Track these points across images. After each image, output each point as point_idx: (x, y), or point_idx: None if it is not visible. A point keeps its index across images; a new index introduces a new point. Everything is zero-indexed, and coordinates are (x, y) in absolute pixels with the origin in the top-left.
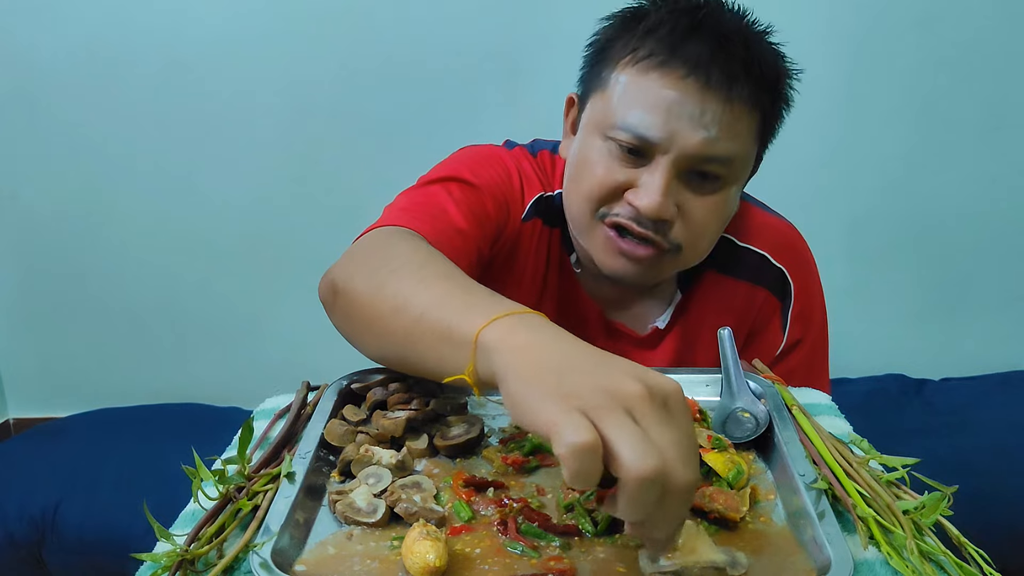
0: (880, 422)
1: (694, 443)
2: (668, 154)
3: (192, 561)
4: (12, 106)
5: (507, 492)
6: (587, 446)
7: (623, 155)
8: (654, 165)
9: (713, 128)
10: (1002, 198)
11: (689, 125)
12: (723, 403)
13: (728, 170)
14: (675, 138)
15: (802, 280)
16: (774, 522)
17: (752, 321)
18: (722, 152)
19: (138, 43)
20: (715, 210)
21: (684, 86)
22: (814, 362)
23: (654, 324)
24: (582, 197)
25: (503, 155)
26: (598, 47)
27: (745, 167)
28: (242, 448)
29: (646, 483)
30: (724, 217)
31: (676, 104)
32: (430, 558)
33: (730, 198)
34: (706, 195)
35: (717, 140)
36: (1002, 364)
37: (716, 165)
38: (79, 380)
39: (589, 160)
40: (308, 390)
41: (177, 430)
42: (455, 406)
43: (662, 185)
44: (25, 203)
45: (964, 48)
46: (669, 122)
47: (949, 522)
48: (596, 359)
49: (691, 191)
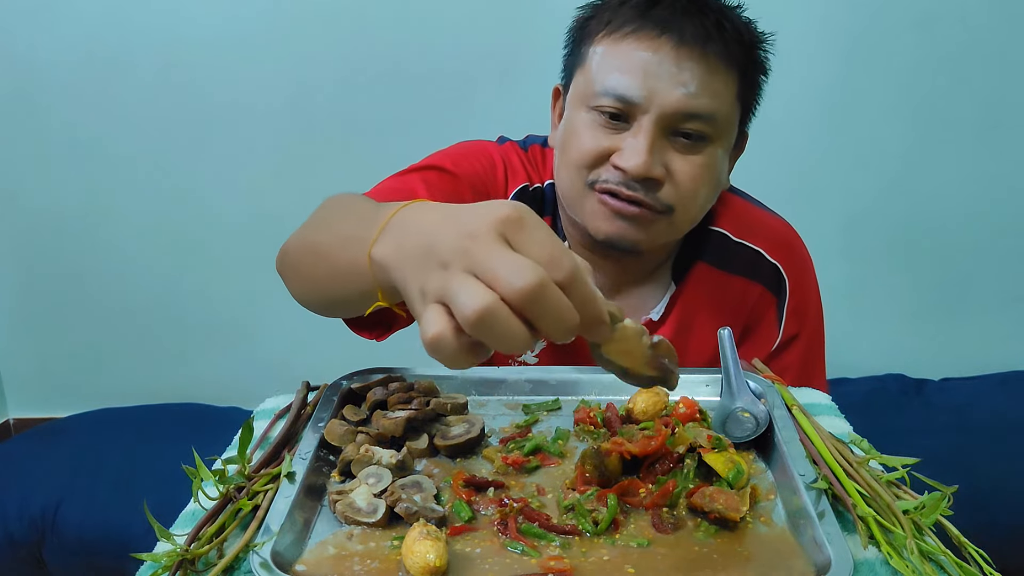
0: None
1: (552, 242)
2: (649, 113)
3: (192, 561)
4: (12, 106)
5: (507, 492)
6: (437, 335)
7: (607, 122)
8: (637, 127)
9: (692, 84)
10: (1001, 198)
11: (667, 83)
12: (723, 403)
13: (711, 128)
14: (655, 96)
15: (797, 276)
16: (774, 522)
17: (747, 316)
18: (703, 108)
19: (137, 44)
20: (703, 170)
21: (659, 45)
22: (810, 358)
23: (648, 316)
24: (571, 167)
25: (491, 148)
26: (576, 30)
27: (728, 127)
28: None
29: (485, 313)
30: (713, 179)
31: (653, 63)
32: (430, 558)
33: (717, 160)
34: (692, 154)
35: (696, 96)
36: (1002, 364)
37: (698, 123)
38: (79, 380)
39: (575, 131)
40: (308, 390)
41: (177, 430)
42: (455, 406)
43: (646, 144)
44: (25, 203)
45: (961, 48)
46: (647, 81)
47: (949, 522)
48: (450, 226)
49: (676, 151)
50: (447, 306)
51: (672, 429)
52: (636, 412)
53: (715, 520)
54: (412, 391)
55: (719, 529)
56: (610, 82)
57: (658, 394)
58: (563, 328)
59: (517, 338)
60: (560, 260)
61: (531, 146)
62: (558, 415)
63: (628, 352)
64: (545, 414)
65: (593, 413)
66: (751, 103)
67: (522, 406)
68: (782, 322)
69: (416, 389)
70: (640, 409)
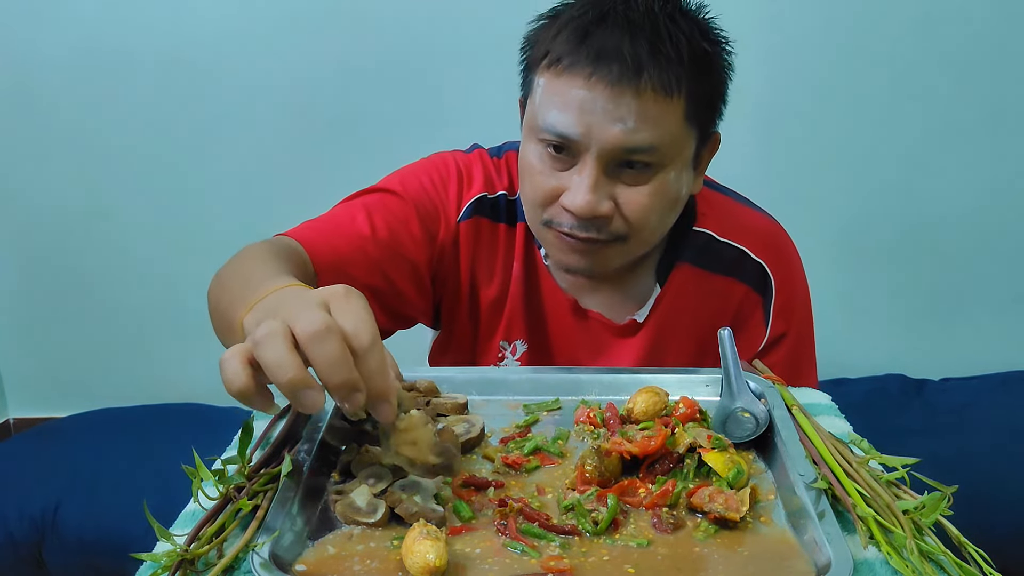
0: (880, 422)
1: (362, 317)
2: (590, 151)
3: (192, 561)
4: (12, 105)
5: (507, 492)
6: (227, 356)
7: (553, 156)
8: (581, 164)
9: (629, 120)
10: (1002, 198)
11: (603, 120)
12: (723, 403)
13: (655, 157)
14: (592, 134)
15: (784, 275)
16: (774, 522)
17: (733, 316)
18: (642, 142)
19: (138, 42)
20: (652, 198)
21: (592, 84)
22: (799, 356)
23: (632, 317)
24: (528, 204)
25: (450, 162)
26: (525, 51)
27: (678, 150)
28: (242, 448)
29: (267, 336)
30: (667, 201)
31: (587, 101)
32: (430, 558)
33: (669, 182)
34: (640, 184)
35: (635, 131)
36: (1002, 364)
37: (641, 155)
38: (79, 380)
39: (529, 165)
40: None
41: (177, 430)
42: (455, 406)
43: (589, 183)
44: (25, 202)
45: (962, 47)
46: (583, 119)
47: (949, 522)
48: (296, 299)
49: (623, 183)
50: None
51: (672, 429)
52: (636, 412)
53: (715, 520)
54: (412, 391)
55: (719, 529)
56: (550, 119)
57: (658, 394)
58: (336, 375)
59: (286, 364)
60: (361, 332)
61: (506, 153)
62: (558, 415)
63: (414, 442)
64: (545, 414)
65: (593, 413)
66: (710, 115)
67: (522, 406)
68: (769, 321)
69: (416, 389)
70: (640, 409)
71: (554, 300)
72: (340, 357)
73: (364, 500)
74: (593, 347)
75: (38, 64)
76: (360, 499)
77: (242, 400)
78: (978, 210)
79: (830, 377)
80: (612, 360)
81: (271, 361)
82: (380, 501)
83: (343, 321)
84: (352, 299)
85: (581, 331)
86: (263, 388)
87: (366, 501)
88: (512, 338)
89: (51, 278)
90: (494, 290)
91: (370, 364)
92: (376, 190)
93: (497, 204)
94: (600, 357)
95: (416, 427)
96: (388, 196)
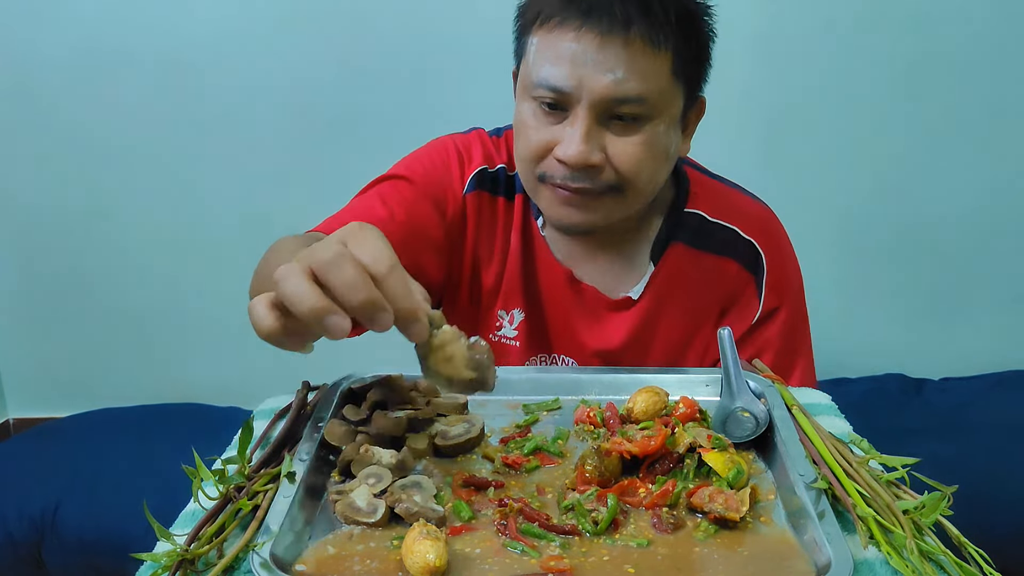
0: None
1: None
2: (582, 102)
3: (192, 561)
4: (12, 105)
5: (507, 492)
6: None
7: (546, 112)
8: (573, 116)
9: (618, 70)
10: (1002, 198)
11: (594, 70)
12: (723, 403)
13: (646, 108)
14: (584, 84)
15: (774, 252)
16: (774, 522)
17: (725, 294)
18: (632, 92)
19: (138, 42)
20: (642, 148)
21: (582, 35)
22: (793, 333)
23: (627, 294)
24: (522, 160)
25: (448, 143)
26: (518, 18)
27: (667, 103)
28: (242, 448)
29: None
30: (657, 154)
31: (578, 53)
32: (430, 558)
33: (658, 135)
34: (630, 135)
35: (624, 81)
36: (1001, 364)
37: (631, 105)
38: (79, 380)
39: (522, 123)
40: (308, 390)
41: (177, 430)
42: (455, 406)
43: (581, 133)
44: (25, 203)
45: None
46: (575, 71)
47: (949, 522)
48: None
49: (614, 134)
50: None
51: (672, 429)
52: (636, 412)
53: (715, 520)
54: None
55: (719, 529)
56: (543, 73)
57: (658, 394)
58: (355, 296)
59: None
60: (379, 258)
61: (505, 131)
62: (558, 415)
63: (449, 358)
64: (545, 414)
65: (593, 413)
66: (696, 73)
67: (522, 406)
68: (762, 295)
69: (416, 389)
70: (640, 409)
71: (550, 271)
72: (356, 278)
73: (364, 500)
74: (588, 318)
75: (38, 64)
76: (360, 499)
77: (274, 343)
78: (978, 210)
79: (830, 377)
80: (606, 332)
81: (291, 294)
82: (380, 501)
83: (360, 252)
84: (367, 231)
85: (577, 303)
86: (293, 331)
87: (366, 501)
88: (510, 307)
89: (51, 278)
90: (495, 262)
91: (393, 286)
92: (386, 178)
93: (497, 177)
94: (595, 327)
95: (451, 342)
96: (398, 182)
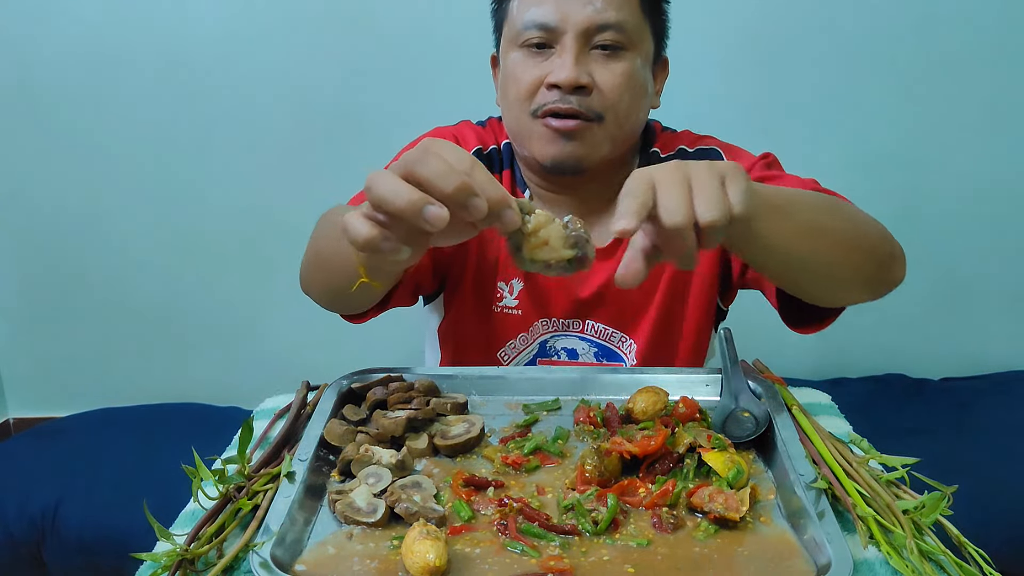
0: (880, 422)
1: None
2: (568, 33)
3: (192, 561)
4: (12, 105)
5: (507, 492)
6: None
7: (535, 54)
8: (560, 47)
9: (597, 1)
10: (1002, 198)
11: (576, 4)
12: (723, 403)
13: (624, 37)
14: (568, 17)
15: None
16: (774, 522)
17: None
18: (611, 19)
19: (139, 42)
20: (624, 77)
21: None
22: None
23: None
24: (513, 104)
25: (442, 131)
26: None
27: (639, 36)
28: (242, 448)
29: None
30: (636, 85)
31: None
32: (430, 558)
33: (637, 67)
34: (613, 62)
35: (603, 10)
36: (1002, 364)
37: (611, 32)
38: (79, 380)
39: (511, 72)
40: (308, 390)
41: (177, 430)
42: (455, 406)
43: (572, 58)
44: (26, 203)
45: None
46: (560, 6)
47: (949, 522)
48: None
49: (598, 63)
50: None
51: (672, 429)
52: (636, 412)
53: (715, 520)
54: (412, 391)
55: (719, 529)
56: (529, 15)
57: (658, 394)
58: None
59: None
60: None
61: (489, 120)
62: (558, 415)
63: (545, 242)
64: (545, 414)
65: (593, 413)
66: (659, 23)
67: (522, 406)
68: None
69: (416, 389)
70: (640, 409)
71: None
72: (447, 168)
73: (364, 500)
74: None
75: (38, 64)
76: (360, 499)
77: (371, 250)
78: (978, 210)
79: (830, 377)
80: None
81: (387, 192)
82: (380, 501)
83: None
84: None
85: None
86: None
87: (366, 501)
88: (508, 278)
89: (51, 278)
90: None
91: (479, 178)
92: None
93: (491, 157)
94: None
95: (544, 225)
96: None
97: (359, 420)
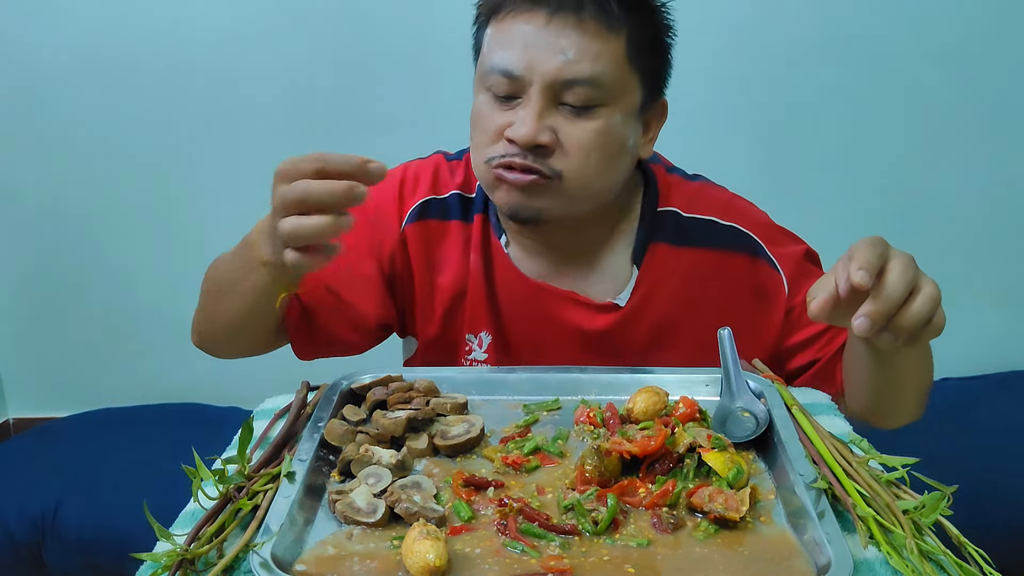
0: None
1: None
2: (534, 84)
3: (192, 561)
4: (12, 106)
5: (507, 492)
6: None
7: (500, 101)
8: (525, 99)
9: (569, 51)
10: (1002, 198)
11: (545, 52)
12: (723, 403)
13: (598, 92)
14: (535, 67)
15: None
16: (774, 522)
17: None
18: (583, 73)
19: (139, 43)
20: (594, 135)
21: (533, 19)
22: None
23: (613, 301)
24: (475, 149)
25: (394, 173)
26: (476, 17)
27: (621, 90)
28: (242, 448)
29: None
30: (610, 143)
31: (529, 35)
32: (430, 558)
33: (613, 125)
34: (582, 120)
35: (575, 62)
36: (1002, 364)
37: (582, 87)
38: (79, 380)
39: (477, 114)
40: (308, 390)
41: (177, 430)
42: (455, 406)
43: (533, 114)
44: (25, 203)
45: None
46: (527, 53)
47: (949, 522)
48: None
49: (566, 118)
50: None
51: (672, 429)
52: (636, 412)
53: (715, 520)
54: (412, 391)
55: (719, 529)
56: (495, 59)
57: (658, 394)
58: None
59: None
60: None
61: (466, 153)
62: (558, 415)
63: None
64: (545, 414)
65: (593, 413)
66: (653, 66)
67: (522, 406)
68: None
69: (416, 389)
70: (640, 409)
71: (515, 288)
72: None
73: (364, 500)
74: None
75: (38, 65)
76: (360, 499)
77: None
78: (977, 209)
79: None
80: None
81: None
82: (380, 501)
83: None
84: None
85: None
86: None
87: (366, 501)
88: (477, 330)
89: (51, 278)
90: (451, 285)
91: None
92: None
93: (446, 204)
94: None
95: None
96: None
97: (359, 420)
